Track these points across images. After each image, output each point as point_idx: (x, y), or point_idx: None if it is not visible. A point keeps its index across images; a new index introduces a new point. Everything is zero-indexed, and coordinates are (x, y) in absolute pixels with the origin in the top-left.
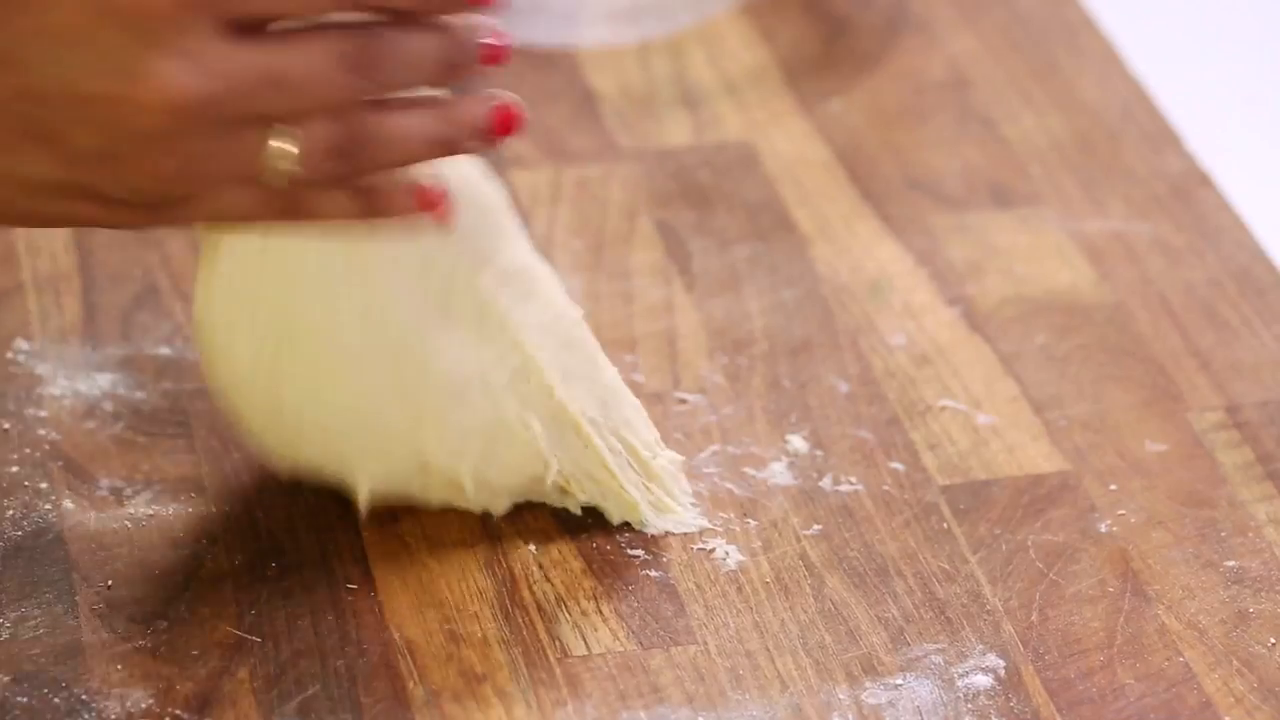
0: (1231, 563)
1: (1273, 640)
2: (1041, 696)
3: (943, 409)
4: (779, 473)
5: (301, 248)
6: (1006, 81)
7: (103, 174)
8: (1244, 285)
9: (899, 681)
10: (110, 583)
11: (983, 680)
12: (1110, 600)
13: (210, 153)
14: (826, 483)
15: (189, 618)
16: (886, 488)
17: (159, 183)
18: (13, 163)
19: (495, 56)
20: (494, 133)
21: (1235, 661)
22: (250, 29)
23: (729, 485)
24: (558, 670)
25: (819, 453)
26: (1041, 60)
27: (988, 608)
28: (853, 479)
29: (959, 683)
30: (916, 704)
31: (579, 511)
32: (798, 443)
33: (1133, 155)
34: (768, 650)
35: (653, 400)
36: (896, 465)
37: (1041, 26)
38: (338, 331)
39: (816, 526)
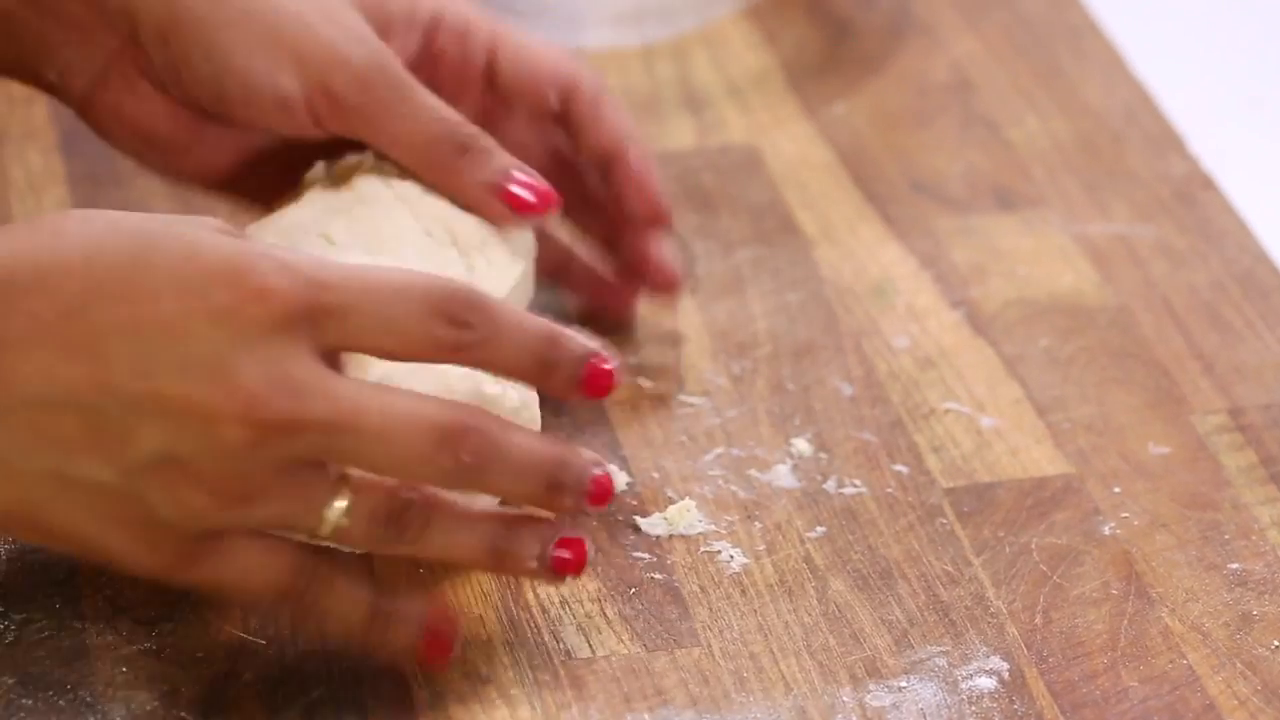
0: (1235, 565)
1: (1276, 643)
2: (1045, 699)
3: (946, 412)
4: (783, 475)
5: None
6: (1010, 84)
7: (156, 485)
8: (1247, 288)
9: (903, 684)
10: (116, 585)
11: (986, 683)
12: (1114, 603)
13: (271, 488)
14: (830, 485)
15: (194, 620)
16: (890, 490)
17: (211, 507)
18: (65, 462)
19: (602, 497)
20: (552, 574)
21: (1239, 664)
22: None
23: (733, 488)
24: (562, 673)
25: (823, 455)
26: (1045, 63)
27: (991, 610)
28: (856, 481)
29: (963, 685)
30: (920, 706)
31: None
32: (802, 445)
33: (1136, 158)
34: (772, 652)
35: (657, 403)
36: (900, 468)
37: (1045, 29)
38: None
39: (820, 529)
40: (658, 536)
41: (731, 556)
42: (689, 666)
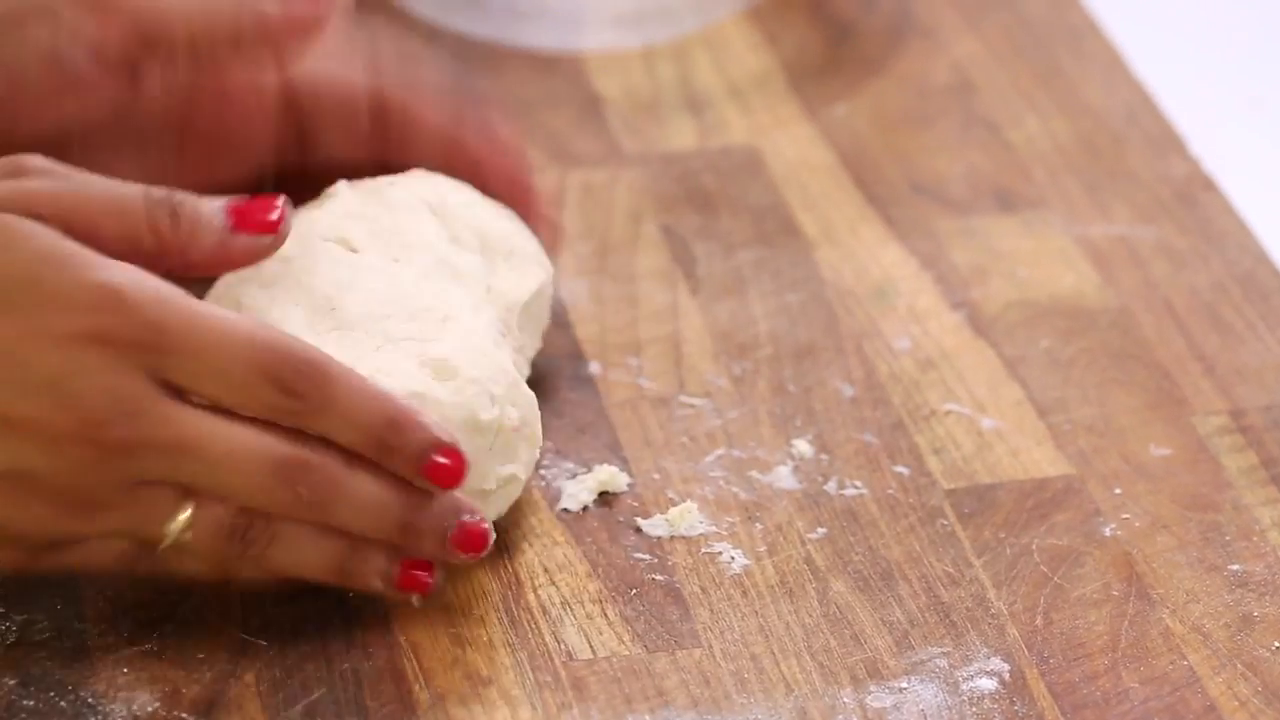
0: (1236, 566)
1: (1277, 644)
2: (1046, 700)
3: (947, 413)
4: (784, 476)
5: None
6: (1011, 86)
7: (4, 500)
8: (1248, 289)
9: (903, 685)
10: (117, 586)
11: (987, 684)
12: (1114, 604)
13: (115, 502)
14: (831, 486)
15: (195, 621)
16: (891, 491)
17: (56, 518)
18: None
19: (469, 543)
20: (398, 593)
21: (1239, 665)
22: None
23: (734, 489)
24: (563, 674)
25: (824, 456)
26: (1046, 64)
27: (992, 611)
28: (857, 483)
29: (963, 686)
30: (921, 707)
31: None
32: (802, 446)
33: (1137, 159)
34: (772, 654)
35: (658, 404)
36: (901, 469)
37: (1046, 31)
38: None
39: (821, 530)
40: (659, 538)
41: (732, 558)
42: (690, 667)
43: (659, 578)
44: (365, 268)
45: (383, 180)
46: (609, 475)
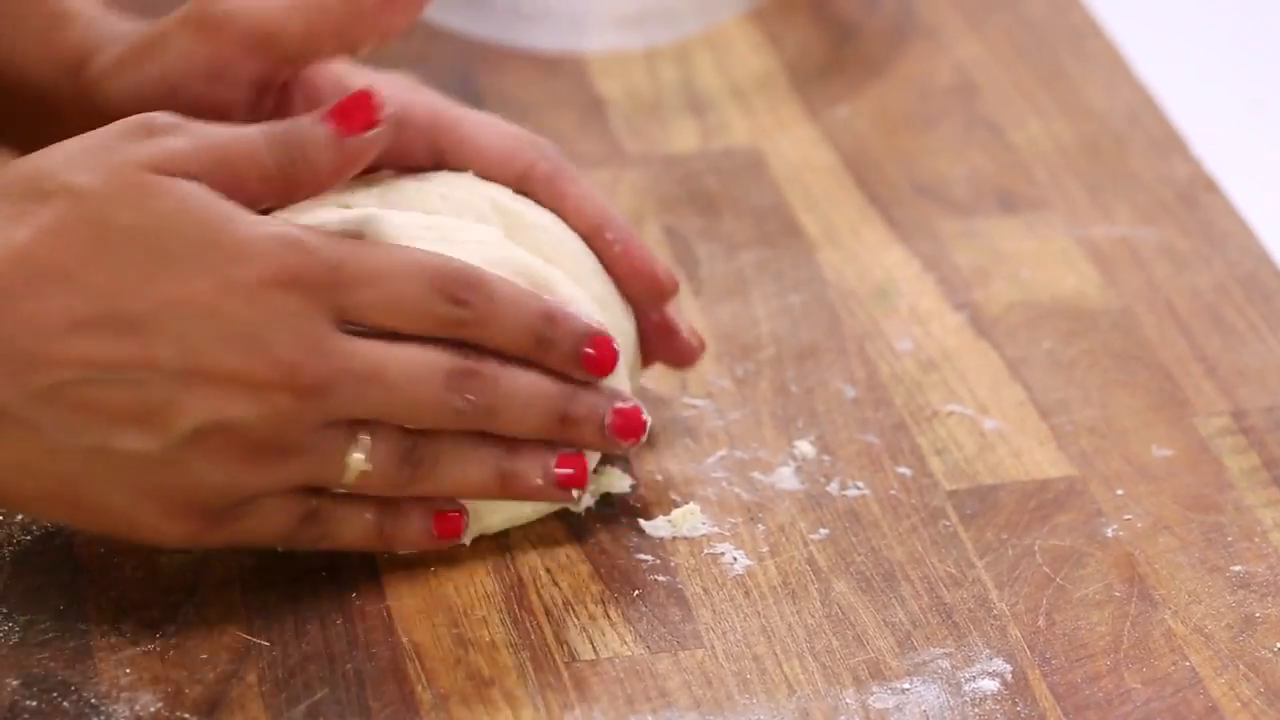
0: (1238, 567)
1: (1278, 645)
2: (1048, 701)
3: (949, 414)
4: (786, 477)
5: None
6: (1013, 87)
7: (199, 454)
8: (1250, 290)
9: (906, 686)
10: (120, 587)
11: (989, 685)
12: (1117, 605)
13: (304, 446)
14: (833, 487)
15: (197, 622)
16: (893, 492)
17: (250, 470)
18: (110, 437)
19: (628, 428)
20: (557, 490)
21: (1241, 666)
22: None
23: (736, 490)
24: (565, 674)
25: (826, 457)
26: (1048, 66)
27: (994, 612)
28: (860, 484)
29: (966, 687)
30: (923, 708)
31: (581, 510)
32: (805, 447)
33: (1139, 161)
34: (775, 654)
35: (660, 405)
36: (903, 470)
37: (1048, 32)
38: None
39: (823, 531)
40: (661, 538)
41: (735, 558)
42: (692, 668)
43: (661, 578)
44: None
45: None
46: (612, 477)
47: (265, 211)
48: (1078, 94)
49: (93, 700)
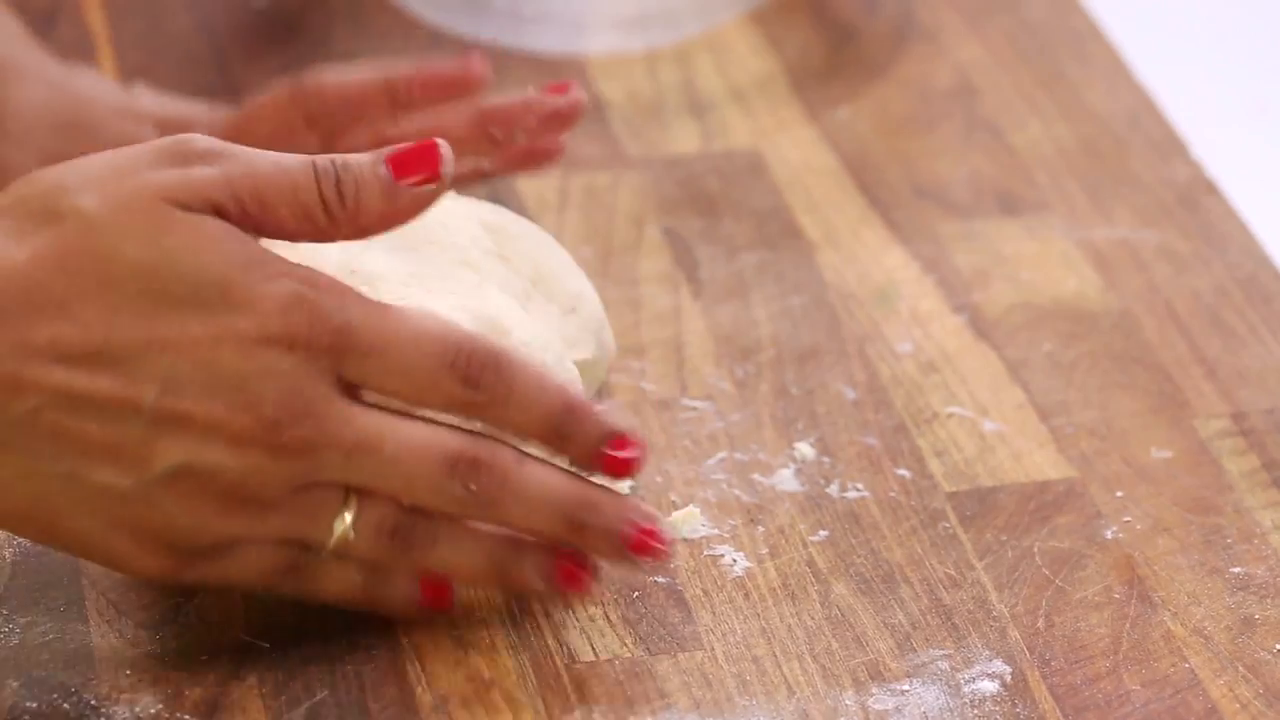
0: (1237, 569)
1: (1278, 646)
2: (1048, 702)
3: (949, 416)
4: (786, 479)
5: None
6: (1013, 89)
7: (172, 496)
8: (1250, 293)
9: (905, 687)
10: (120, 589)
11: (989, 686)
12: (1116, 606)
13: (283, 504)
14: (833, 489)
15: (198, 624)
16: (893, 494)
17: (223, 518)
18: (84, 467)
19: (645, 547)
20: (559, 590)
21: (1240, 667)
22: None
23: (736, 491)
24: (565, 676)
25: (826, 459)
26: (1048, 68)
27: (994, 614)
28: (859, 485)
29: (965, 688)
30: (923, 709)
31: None
32: (805, 449)
33: (1139, 163)
34: (774, 656)
35: (660, 407)
36: (903, 472)
37: (1048, 35)
38: None
39: (823, 533)
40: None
41: (734, 560)
42: (692, 670)
43: (661, 580)
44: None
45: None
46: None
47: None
48: (1078, 96)
49: (93, 702)
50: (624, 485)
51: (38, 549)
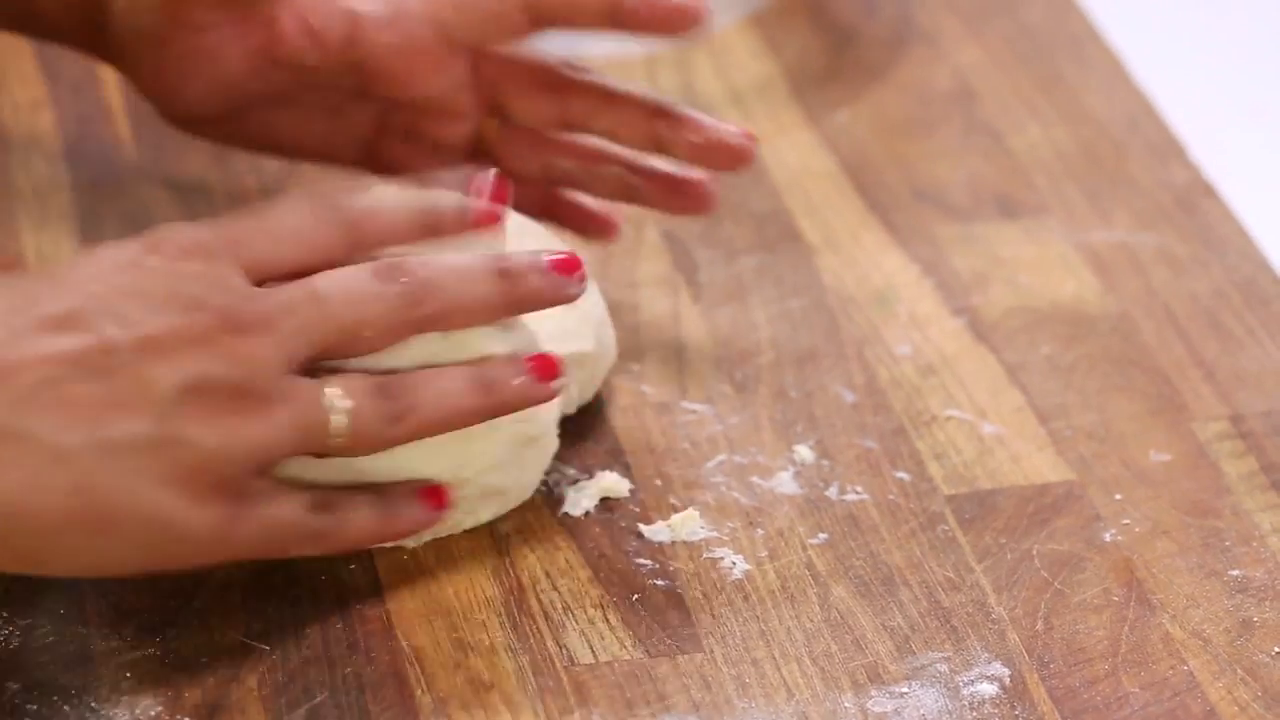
0: (1235, 572)
1: (1276, 649)
2: (1046, 705)
3: (948, 419)
4: (785, 482)
5: None
6: (1012, 93)
7: (187, 424)
8: (1248, 296)
9: (904, 690)
10: (119, 591)
11: (988, 688)
12: (1115, 609)
13: (278, 395)
14: (832, 492)
15: (197, 626)
16: (892, 497)
17: (242, 428)
18: (102, 427)
19: (566, 265)
20: (539, 385)
21: (1239, 670)
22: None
23: (735, 494)
24: (565, 678)
25: (825, 462)
26: (1047, 72)
27: (993, 616)
28: (858, 488)
29: (964, 691)
30: (922, 712)
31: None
32: (804, 452)
33: (1138, 166)
34: (774, 658)
35: (660, 410)
36: (902, 475)
37: (1047, 38)
38: None
39: (822, 535)
40: (660, 543)
41: (734, 563)
42: (691, 672)
43: (660, 583)
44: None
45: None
46: (611, 481)
47: None
48: (1077, 100)
49: (93, 704)
50: (624, 489)
51: None
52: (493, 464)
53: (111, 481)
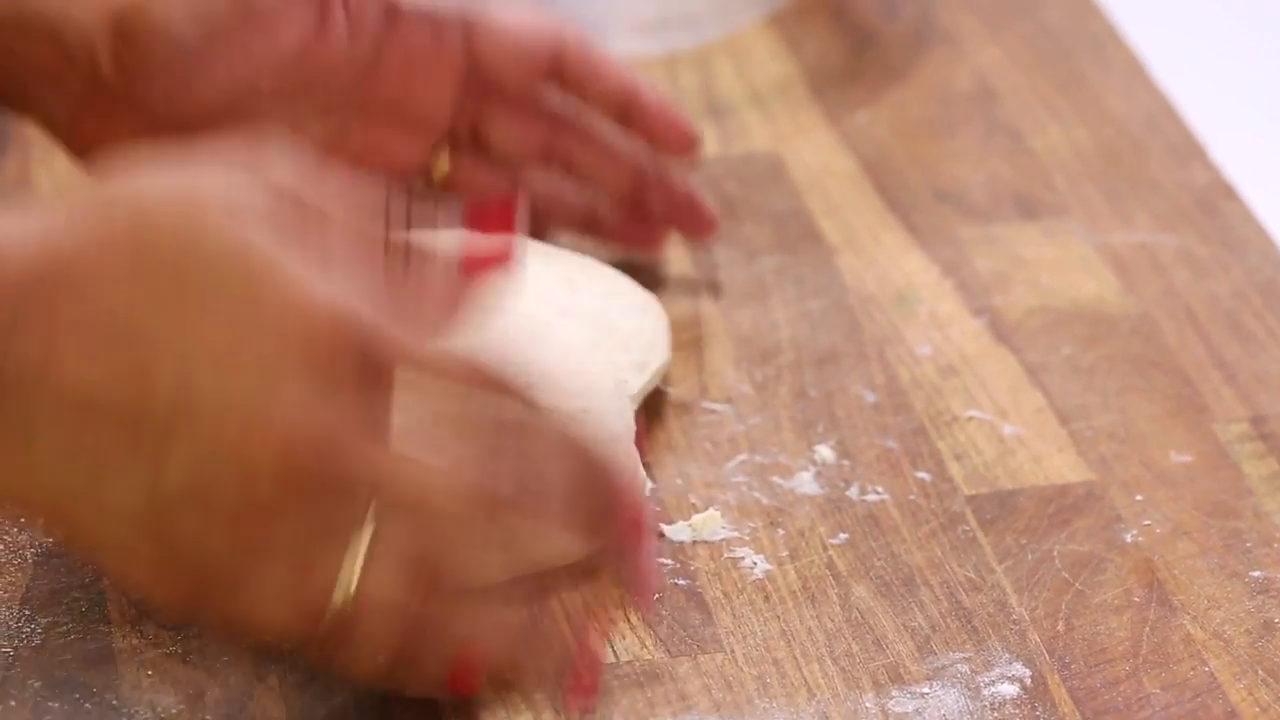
0: (1257, 573)
1: None
2: (1067, 705)
3: (969, 419)
4: (806, 482)
5: None
6: (1032, 93)
7: (183, 517)
8: (1269, 297)
9: (925, 690)
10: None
11: (1009, 689)
12: (1136, 610)
13: (303, 518)
14: (853, 492)
15: None
16: (913, 497)
17: (232, 541)
18: (100, 474)
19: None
20: (566, 692)
21: (1260, 671)
22: None
23: (756, 494)
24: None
25: (846, 462)
26: (1067, 72)
27: (1014, 617)
28: (879, 488)
29: (985, 691)
30: (943, 712)
31: None
32: (825, 452)
33: (1158, 167)
34: (795, 658)
35: (680, 410)
36: (923, 475)
37: (1067, 38)
38: None
39: (843, 535)
40: (681, 542)
41: (755, 563)
42: (712, 672)
43: (681, 582)
44: None
45: None
46: None
47: None
48: (1097, 100)
49: (114, 702)
50: (644, 489)
51: (60, 550)
52: None
53: (89, 522)
